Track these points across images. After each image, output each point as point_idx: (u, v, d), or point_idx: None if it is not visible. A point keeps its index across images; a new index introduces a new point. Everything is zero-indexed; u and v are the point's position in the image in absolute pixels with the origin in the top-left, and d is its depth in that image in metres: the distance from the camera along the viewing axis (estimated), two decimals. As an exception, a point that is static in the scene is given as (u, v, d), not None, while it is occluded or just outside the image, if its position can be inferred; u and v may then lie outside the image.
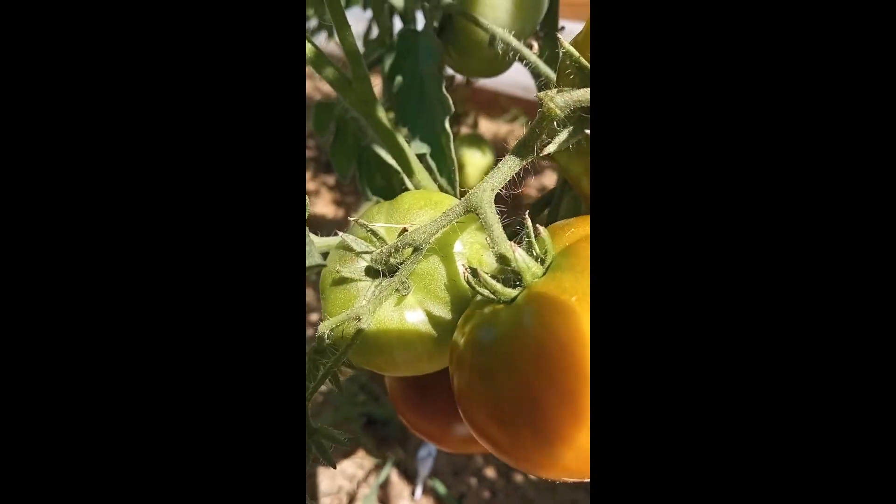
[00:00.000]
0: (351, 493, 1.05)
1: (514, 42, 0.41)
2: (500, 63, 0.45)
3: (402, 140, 0.43)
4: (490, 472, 1.07)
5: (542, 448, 0.24)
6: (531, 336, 0.24)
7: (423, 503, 1.02)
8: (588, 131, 0.26)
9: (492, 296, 0.28)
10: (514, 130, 1.76)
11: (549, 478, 0.25)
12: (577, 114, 0.27)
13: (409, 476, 1.07)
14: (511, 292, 0.27)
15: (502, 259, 0.27)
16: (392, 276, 0.32)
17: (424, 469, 1.03)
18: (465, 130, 1.23)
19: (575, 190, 0.32)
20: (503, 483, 1.05)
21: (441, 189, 0.46)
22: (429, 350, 0.34)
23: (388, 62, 0.52)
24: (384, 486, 1.04)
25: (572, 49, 0.27)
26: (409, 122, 0.50)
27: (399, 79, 0.51)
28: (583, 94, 0.26)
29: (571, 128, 0.27)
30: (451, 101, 0.44)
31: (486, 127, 1.61)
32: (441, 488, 1.02)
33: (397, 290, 0.33)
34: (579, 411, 0.23)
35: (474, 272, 0.28)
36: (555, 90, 0.26)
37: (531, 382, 0.24)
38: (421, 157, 0.47)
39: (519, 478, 1.05)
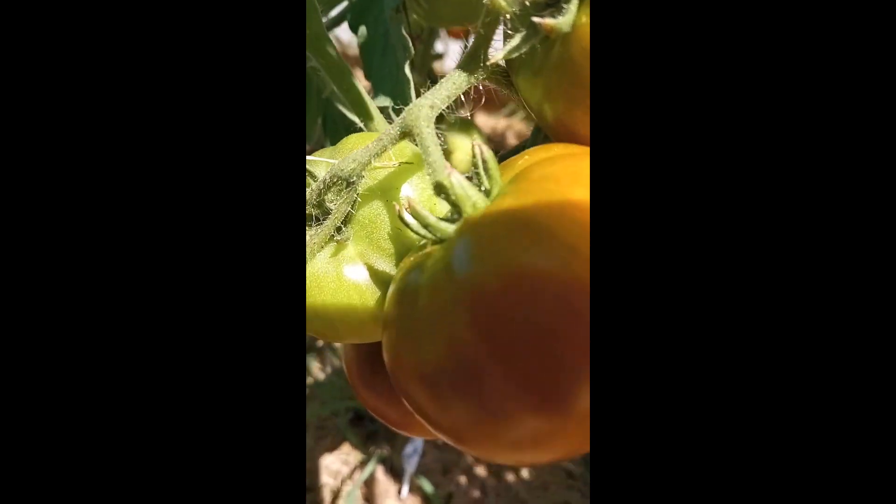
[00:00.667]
0: (335, 490, 1.00)
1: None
2: (470, 5, 0.40)
3: (357, 84, 0.38)
4: (480, 471, 1.01)
5: (478, 425, 0.19)
6: (462, 278, 0.19)
7: (409, 502, 0.98)
8: (542, 35, 0.21)
9: (429, 235, 0.23)
10: (512, 125, 1.70)
11: (492, 459, 0.21)
12: (529, 13, 0.22)
13: (396, 473, 1.02)
14: (448, 228, 0.22)
15: (440, 188, 0.22)
16: (321, 215, 0.28)
17: (410, 466, 0.98)
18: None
19: (540, 125, 0.28)
20: (494, 482, 1.00)
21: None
22: (372, 313, 0.30)
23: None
24: (370, 484, 0.99)
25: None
26: (374, 75, 0.45)
27: (363, 29, 0.47)
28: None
29: (524, 32, 0.22)
30: (411, 43, 0.39)
31: (484, 122, 1.57)
32: (428, 487, 0.97)
33: (333, 236, 0.28)
34: (524, 374, 0.18)
35: (413, 211, 0.23)
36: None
37: (462, 339, 0.19)
38: (384, 111, 0.43)
39: (510, 477, 1.00)
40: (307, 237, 0.28)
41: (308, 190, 0.28)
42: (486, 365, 0.18)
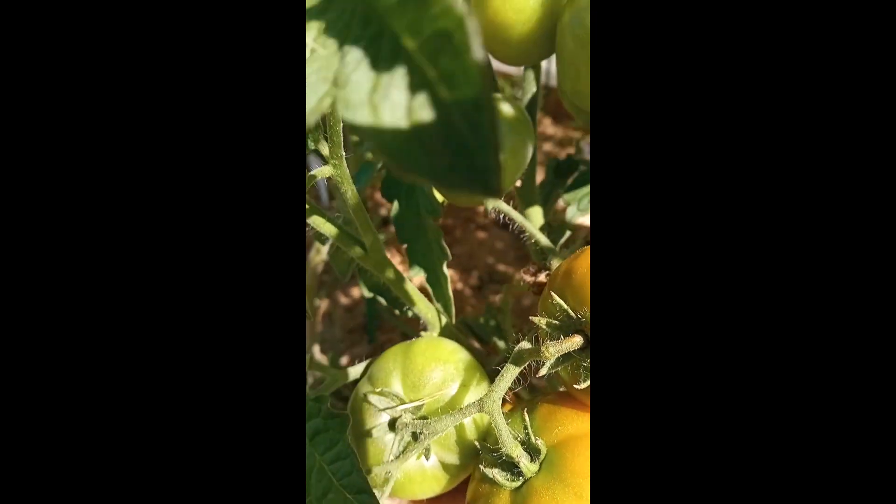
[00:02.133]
0: None
1: (506, 208, 0.49)
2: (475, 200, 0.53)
3: (407, 285, 0.50)
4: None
5: None
6: None
7: None
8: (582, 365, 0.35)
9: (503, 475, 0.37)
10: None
11: None
12: (555, 334, 0.36)
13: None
14: (513, 483, 0.36)
15: (508, 454, 0.36)
16: (413, 438, 0.41)
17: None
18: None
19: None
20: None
21: (438, 313, 0.54)
22: (442, 486, 0.44)
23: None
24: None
25: (560, 301, 0.35)
26: (409, 244, 0.57)
27: (396, 204, 0.58)
28: (569, 344, 0.34)
29: (559, 357, 0.36)
30: (448, 251, 0.52)
31: (553, 130, 1.57)
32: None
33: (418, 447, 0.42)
34: None
35: (485, 450, 0.37)
36: (551, 341, 0.35)
37: None
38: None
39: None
40: (399, 445, 0.41)
41: (402, 420, 0.41)
42: None
